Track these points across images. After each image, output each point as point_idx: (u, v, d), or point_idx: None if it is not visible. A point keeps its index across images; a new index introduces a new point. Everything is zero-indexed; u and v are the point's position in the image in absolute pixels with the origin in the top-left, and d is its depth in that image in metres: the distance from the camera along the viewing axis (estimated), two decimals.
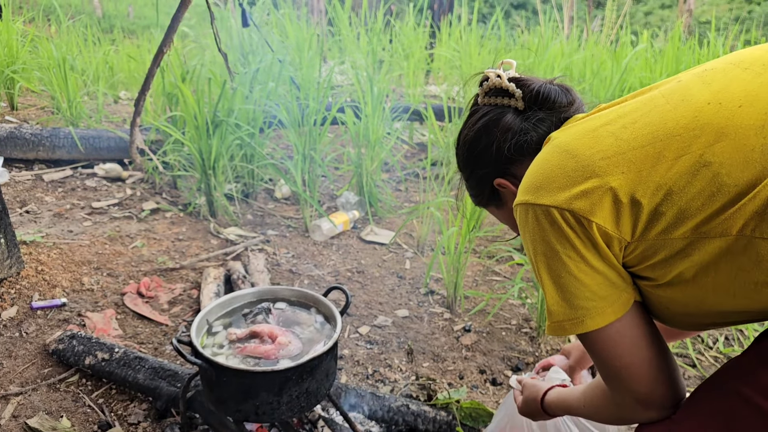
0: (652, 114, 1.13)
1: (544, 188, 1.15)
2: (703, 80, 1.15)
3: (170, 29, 3.95)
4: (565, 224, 1.12)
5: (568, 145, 1.19)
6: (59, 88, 5.34)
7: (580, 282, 1.15)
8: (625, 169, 1.08)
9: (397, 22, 7.89)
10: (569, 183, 1.12)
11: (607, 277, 1.15)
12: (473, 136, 1.42)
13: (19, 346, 2.62)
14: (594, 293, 1.15)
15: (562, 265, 1.15)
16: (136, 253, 3.50)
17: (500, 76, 1.39)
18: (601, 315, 1.15)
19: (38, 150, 4.67)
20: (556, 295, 1.18)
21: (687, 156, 1.05)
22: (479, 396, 2.54)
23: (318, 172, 4.31)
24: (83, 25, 7.64)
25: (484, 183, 1.47)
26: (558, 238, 1.14)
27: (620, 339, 1.16)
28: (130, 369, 2.36)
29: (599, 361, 1.21)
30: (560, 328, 1.19)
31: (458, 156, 1.51)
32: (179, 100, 4.18)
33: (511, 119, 1.37)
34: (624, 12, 8.11)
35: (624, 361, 1.16)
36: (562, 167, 1.15)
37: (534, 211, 1.16)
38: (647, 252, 1.10)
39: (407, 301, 3.25)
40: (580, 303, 1.16)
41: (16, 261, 3.01)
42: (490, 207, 1.55)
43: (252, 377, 1.83)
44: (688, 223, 1.04)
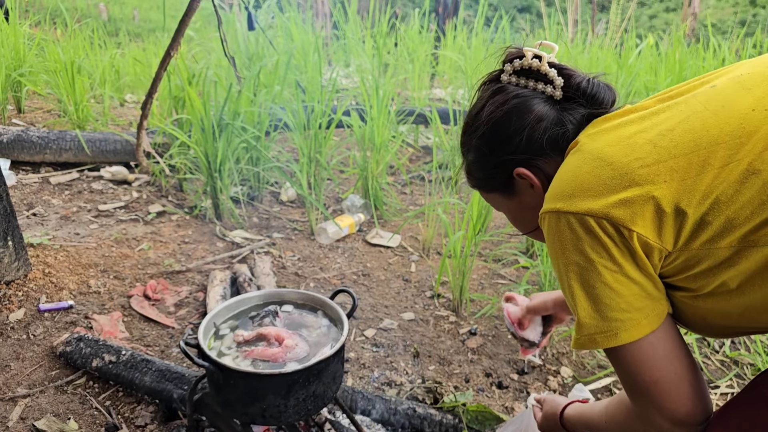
0: (691, 121, 1.09)
1: (578, 196, 1.11)
2: (743, 85, 1.11)
3: (178, 33, 3.96)
4: (603, 233, 1.08)
5: (601, 152, 1.14)
6: (66, 91, 5.36)
7: (615, 292, 1.11)
8: (668, 178, 1.05)
9: (402, 25, 7.90)
10: (606, 191, 1.08)
11: (644, 287, 1.11)
12: (501, 117, 1.30)
13: (27, 349, 2.63)
14: (630, 304, 1.11)
15: (597, 275, 1.11)
16: (142, 256, 3.51)
17: (540, 57, 1.30)
18: (636, 327, 1.11)
19: (45, 153, 4.69)
20: (588, 307, 1.13)
21: (734, 164, 1.01)
22: (485, 399, 2.54)
23: (323, 175, 4.32)
24: (89, 29, 7.66)
25: (501, 169, 1.36)
26: (594, 247, 1.10)
27: (653, 352, 1.12)
28: (137, 371, 2.37)
29: (627, 376, 1.17)
30: (591, 341, 1.15)
31: (474, 133, 1.38)
32: (185, 103, 4.19)
33: (546, 108, 1.28)
34: (628, 15, 8.11)
35: (654, 375, 1.12)
36: (597, 175, 1.11)
37: (567, 219, 1.12)
38: (689, 262, 1.07)
39: (413, 304, 3.25)
40: (615, 315, 1.11)
41: (24, 263, 3.02)
42: (494, 194, 1.46)
43: (259, 380, 1.84)
44: (736, 232, 1.01)
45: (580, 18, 9.51)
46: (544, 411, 1.65)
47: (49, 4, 9.64)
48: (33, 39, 6.10)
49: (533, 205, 1.33)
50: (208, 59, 5.21)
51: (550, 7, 9.86)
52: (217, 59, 5.30)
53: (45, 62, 5.87)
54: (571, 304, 1.17)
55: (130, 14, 14.95)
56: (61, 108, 5.65)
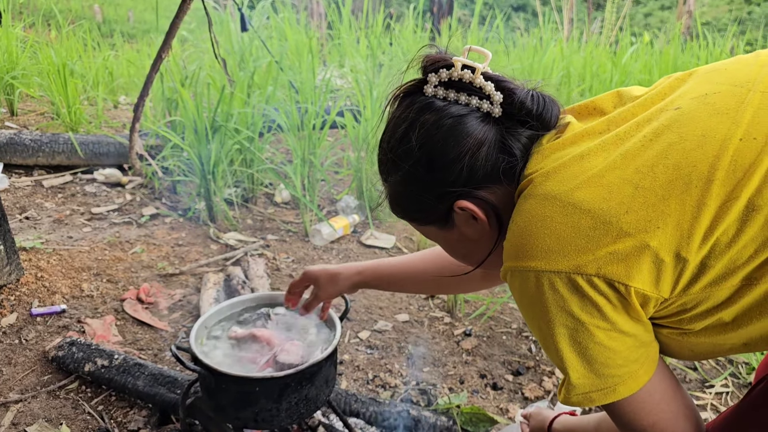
0: (672, 155, 0.98)
1: (557, 252, 0.99)
2: (716, 109, 1.01)
3: (169, 34, 3.95)
4: (594, 291, 0.98)
5: (570, 197, 1.00)
6: (59, 94, 5.34)
7: (611, 350, 1.03)
8: (661, 224, 0.95)
9: (397, 25, 7.90)
10: (591, 245, 0.97)
11: (638, 337, 1.05)
12: (436, 142, 1.12)
13: (19, 353, 2.61)
14: (626, 359, 1.05)
15: (588, 336, 1.02)
16: (135, 259, 3.50)
17: (473, 68, 1.13)
18: (634, 379, 1.07)
19: (38, 156, 4.67)
20: (581, 368, 1.05)
21: (731, 201, 0.93)
22: (480, 401, 2.53)
23: (317, 177, 4.31)
24: (83, 30, 7.64)
25: (439, 202, 1.18)
26: (583, 307, 0.99)
27: (649, 398, 1.09)
28: (130, 376, 2.36)
29: (623, 422, 1.13)
30: (587, 399, 1.09)
31: (402, 159, 1.18)
32: (179, 105, 4.18)
33: (484, 129, 1.10)
34: (623, 14, 8.11)
35: (652, 419, 1.09)
36: (574, 226, 0.98)
37: (548, 278, 1.00)
38: (687, 305, 1.01)
39: (407, 305, 3.24)
40: (612, 372, 1.05)
41: (16, 267, 3.01)
42: (429, 228, 1.28)
43: (251, 384, 1.83)
44: (739, 273, 0.95)
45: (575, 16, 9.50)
46: (531, 426, 1.63)
47: (42, 6, 9.62)
48: (26, 41, 6.08)
49: (475, 238, 1.21)
50: (201, 60, 5.20)
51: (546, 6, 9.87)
52: (210, 60, 5.28)
53: (38, 65, 5.86)
54: (556, 362, 1.09)
55: (125, 16, 14.92)
56: (54, 110, 5.63)
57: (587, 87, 5.35)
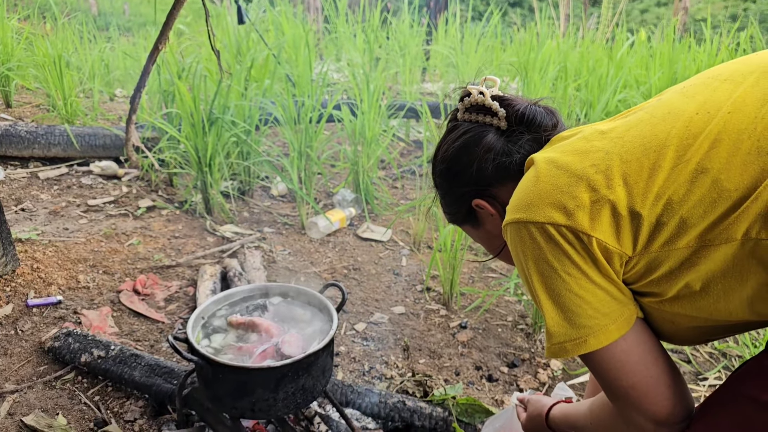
0: (640, 127, 1.13)
1: (536, 205, 1.13)
2: (686, 94, 1.16)
3: (166, 26, 3.93)
4: (563, 240, 1.09)
5: (556, 161, 1.17)
6: (55, 86, 5.33)
7: (581, 299, 1.12)
8: (621, 182, 1.07)
9: (394, 19, 7.89)
10: (563, 198, 1.10)
11: (609, 292, 1.12)
12: (453, 154, 1.38)
13: (15, 344, 2.61)
14: (596, 310, 1.12)
15: (561, 283, 1.12)
16: (132, 251, 3.50)
17: (483, 93, 1.36)
18: (604, 333, 1.12)
19: (34, 148, 4.66)
20: (556, 315, 1.15)
21: (683, 164, 1.04)
22: (475, 392, 2.54)
23: (314, 170, 4.31)
24: (79, 23, 7.62)
25: (461, 202, 1.43)
26: (556, 255, 1.11)
27: (626, 358, 1.13)
28: (126, 366, 2.36)
29: (605, 382, 1.18)
30: (561, 349, 1.16)
31: (435, 172, 1.48)
32: (175, 97, 4.18)
33: (493, 139, 1.34)
34: (620, 10, 8.11)
35: (631, 380, 1.13)
36: (553, 183, 1.13)
37: (527, 228, 1.14)
38: (651, 265, 1.08)
39: (403, 297, 3.25)
40: (583, 321, 1.12)
41: (12, 259, 3.00)
42: (465, 226, 1.52)
43: (248, 374, 1.83)
44: (692, 232, 1.02)
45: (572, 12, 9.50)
46: (528, 412, 1.65)
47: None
48: (21, 33, 6.06)
49: (496, 232, 1.41)
50: (198, 53, 5.19)
51: (542, 2, 9.87)
52: (207, 53, 5.27)
53: (34, 56, 5.84)
54: (541, 313, 1.18)
55: (121, 8, 14.88)
56: (50, 102, 5.62)
57: (583, 82, 5.35)
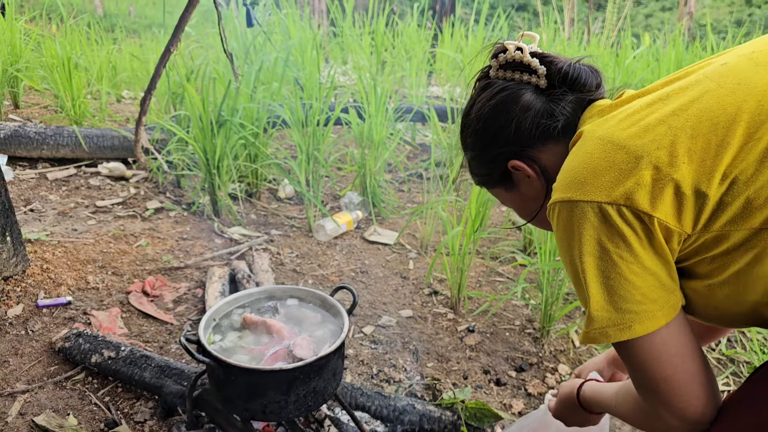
0: (706, 99, 1.06)
1: (592, 183, 1.07)
2: (756, 62, 1.08)
3: (178, 28, 3.95)
4: (622, 221, 1.04)
5: (611, 136, 1.10)
6: (63, 87, 5.34)
7: (631, 284, 1.06)
8: (687, 159, 1.02)
9: (400, 22, 7.91)
10: (622, 176, 1.04)
11: (659, 278, 1.07)
12: (489, 113, 1.31)
13: (25, 344, 2.63)
14: (645, 296, 1.07)
15: (612, 266, 1.07)
16: (140, 252, 3.51)
17: (521, 49, 1.29)
18: (651, 319, 1.07)
19: (42, 148, 4.68)
20: (602, 299, 1.09)
21: (754, 143, 0.99)
22: (483, 396, 2.55)
23: (321, 173, 4.32)
24: (85, 24, 7.64)
25: (495, 163, 1.36)
26: (611, 237, 1.06)
27: (664, 348, 1.09)
28: (137, 367, 2.37)
29: (637, 372, 1.13)
30: (603, 334, 1.11)
31: (467, 132, 1.40)
32: (184, 99, 4.19)
33: (532, 98, 1.27)
34: (624, 14, 8.12)
35: (665, 372, 1.09)
36: (610, 160, 1.07)
37: (581, 208, 1.07)
38: (708, 243, 1.05)
39: (411, 301, 3.26)
40: (630, 306, 1.07)
41: (22, 259, 3.02)
42: (497, 189, 1.44)
43: (260, 376, 1.84)
44: (756, 214, 0.98)
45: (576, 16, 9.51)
46: (559, 394, 1.60)
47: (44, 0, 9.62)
48: (29, 34, 6.08)
49: (533, 195, 1.36)
50: (206, 55, 5.21)
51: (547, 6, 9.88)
52: (215, 55, 5.29)
53: (41, 58, 5.86)
54: (582, 297, 1.13)
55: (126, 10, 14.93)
56: (58, 104, 5.63)
57: None
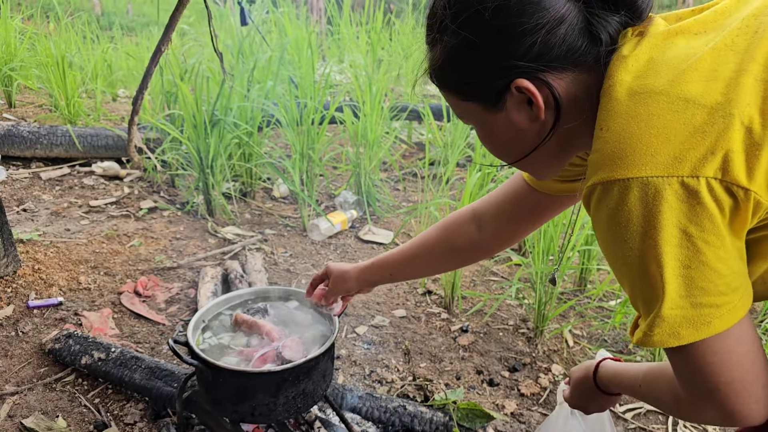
0: None
1: (668, 154, 0.86)
2: None
3: (168, 27, 3.93)
4: (710, 197, 0.85)
5: (679, 90, 0.88)
6: (57, 86, 5.33)
7: (716, 273, 0.88)
8: None
9: (397, 21, 7.89)
10: (708, 143, 0.85)
11: (741, 262, 0.92)
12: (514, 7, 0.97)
13: (15, 345, 2.61)
14: (728, 285, 0.90)
15: (695, 254, 0.87)
16: (133, 252, 3.50)
17: None
18: (732, 312, 0.91)
19: (36, 148, 4.67)
20: (677, 297, 0.90)
21: None
22: (476, 397, 2.54)
23: (316, 172, 4.31)
24: (82, 23, 7.63)
25: (496, 75, 1.03)
26: (694, 218, 0.86)
27: (736, 347, 0.93)
28: (127, 369, 2.36)
29: (697, 375, 0.96)
30: (674, 336, 0.92)
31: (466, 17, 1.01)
32: (178, 99, 4.18)
33: (567, 6, 0.96)
34: None
35: (731, 376, 0.93)
36: (687, 123, 0.86)
37: (654, 187, 0.86)
38: None
39: (405, 301, 3.24)
40: (710, 300, 0.89)
41: (13, 260, 3.00)
42: (473, 105, 1.10)
43: (248, 378, 1.83)
44: None
45: None
46: (574, 378, 1.48)
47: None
48: (24, 33, 6.07)
49: (523, 127, 1.06)
50: (201, 54, 5.19)
51: None
52: (209, 54, 5.28)
53: (36, 56, 5.85)
54: (644, 296, 0.94)
55: (124, 8, 14.89)
56: (53, 103, 5.62)
57: None
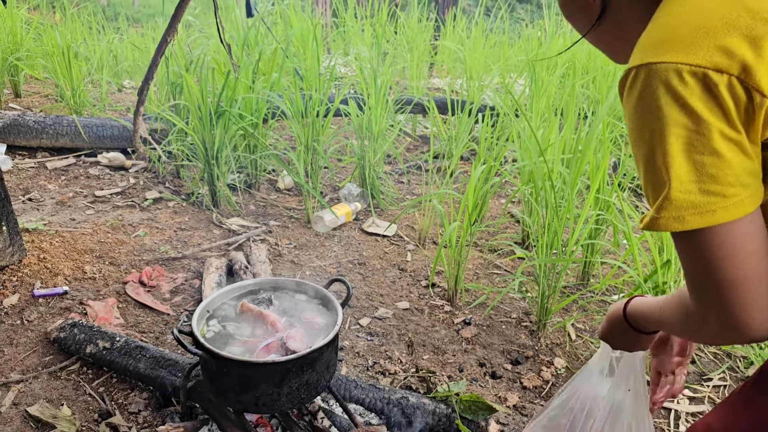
0: None
1: (698, 45, 0.89)
2: None
3: (174, 18, 3.94)
4: (729, 94, 0.87)
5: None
6: (63, 76, 5.34)
7: (726, 163, 0.90)
8: None
9: (402, 14, 7.88)
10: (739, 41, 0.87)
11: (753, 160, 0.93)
12: None
13: (21, 334, 2.63)
14: (737, 178, 0.91)
15: (707, 140, 0.89)
16: (138, 242, 3.51)
17: None
18: (738, 205, 0.91)
19: (41, 138, 4.68)
20: (686, 178, 0.92)
21: None
22: (479, 389, 2.55)
23: (321, 164, 4.31)
24: (88, 13, 7.63)
25: None
26: (712, 109, 0.88)
27: (742, 243, 0.93)
28: (131, 358, 2.37)
29: (701, 269, 0.96)
30: (678, 220, 0.93)
31: None
32: (183, 90, 4.18)
33: None
34: None
35: (735, 273, 0.93)
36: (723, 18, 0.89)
37: (678, 73, 0.89)
38: None
39: (408, 293, 3.25)
40: (718, 189, 0.91)
41: (18, 249, 3.02)
42: None
43: (252, 368, 1.84)
44: None
45: None
46: (608, 314, 1.50)
47: None
48: (30, 23, 6.08)
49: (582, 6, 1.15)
50: (206, 45, 5.20)
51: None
52: (215, 46, 5.29)
53: (42, 46, 5.86)
54: (656, 179, 0.96)
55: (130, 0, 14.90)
56: (59, 93, 5.63)
57: (591, 79, 5.34)
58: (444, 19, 8.74)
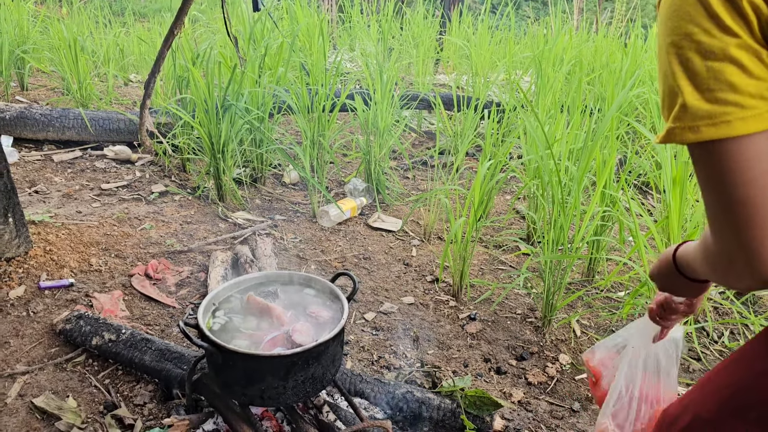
0: None
1: None
2: None
3: (181, 11, 3.94)
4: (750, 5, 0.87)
5: None
6: (69, 69, 5.34)
7: (747, 71, 0.88)
8: None
9: (408, 10, 7.88)
10: None
11: None
12: None
13: (27, 326, 2.63)
14: (758, 88, 0.88)
15: (726, 47, 0.88)
16: (144, 235, 3.51)
17: None
18: (756, 118, 0.87)
19: (48, 130, 4.68)
20: (703, 83, 0.90)
21: None
22: (483, 384, 2.55)
23: (326, 159, 4.31)
24: (94, 7, 7.64)
25: None
26: (733, 16, 0.87)
27: (757, 162, 0.89)
28: (137, 350, 2.37)
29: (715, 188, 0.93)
30: (693, 130, 0.91)
31: None
32: (189, 83, 4.18)
33: None
34: (634, 4, 8.06)
35: (745, 192, 0.89)
36: None
37: None
38: None
39: (413, 288, 3.25)
40: (735, 98, 0.88)
41: (25, 240, 3.02)
42: None
43: (258, 361, 1.84)
44: None
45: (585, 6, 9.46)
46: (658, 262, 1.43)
47: None
48: (37, 16, 6.08)
49: None
50: (212, 39, 5.20)
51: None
52: (221, 40, 5.29)
53: (49, 40, 5.86)
54: (673, 84, 0.94)
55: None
56: (65, 86, 5.64)
57: (597, 76, 5.33)
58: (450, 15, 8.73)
